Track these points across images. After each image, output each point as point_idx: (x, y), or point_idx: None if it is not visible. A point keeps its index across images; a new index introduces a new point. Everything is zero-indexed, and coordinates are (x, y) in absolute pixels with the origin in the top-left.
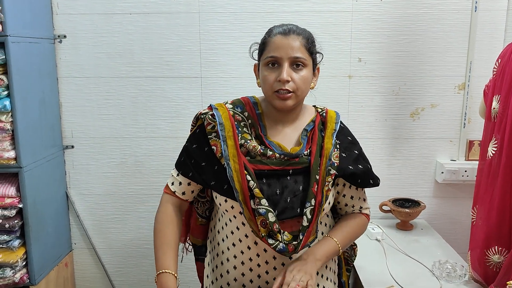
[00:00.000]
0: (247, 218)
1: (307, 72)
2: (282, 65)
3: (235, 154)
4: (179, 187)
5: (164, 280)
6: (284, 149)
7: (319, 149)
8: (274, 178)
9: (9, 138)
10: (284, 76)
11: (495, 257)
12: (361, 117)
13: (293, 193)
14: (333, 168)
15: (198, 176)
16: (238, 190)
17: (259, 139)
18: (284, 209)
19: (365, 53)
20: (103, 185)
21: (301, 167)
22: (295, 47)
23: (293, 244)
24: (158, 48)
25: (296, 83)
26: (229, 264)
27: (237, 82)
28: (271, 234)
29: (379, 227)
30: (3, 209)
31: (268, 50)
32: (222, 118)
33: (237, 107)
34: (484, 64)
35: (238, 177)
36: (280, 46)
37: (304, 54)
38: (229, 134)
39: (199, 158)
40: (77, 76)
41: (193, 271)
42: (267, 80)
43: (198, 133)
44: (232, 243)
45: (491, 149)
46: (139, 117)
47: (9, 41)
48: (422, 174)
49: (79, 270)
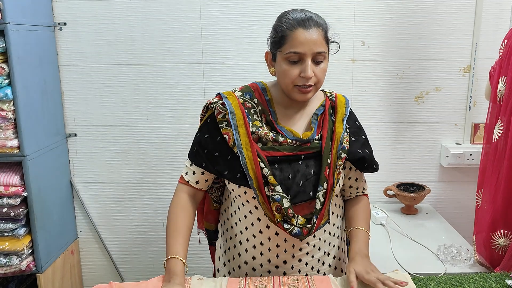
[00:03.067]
0: (261, 204)
1: (326, 64)
2: (305, 61)
3: (248, 142)
4: (192, 177)
5: (172, 265)
6: (296, 134)
7: (330, 133)
8: (286, 163)
9: (12, 126)
10: (309, 73)
11: (500, 240)
12: (365, 102)
13: (305, 177)
14: (344, 152)
15: (211, 166)
16: (252, 177)
17: (270, 125)
18: (297, 193)
19: (369, 36)
20: (107, 173)
21: (312, 152)
22: (317, 42)
23: (307, 227)
24: (159, 35)
25: (318, 76)
26: (241, 247)
27: (239, 68)
28: (285, 219)
29: (383, 211)
30: (8, 198)
31: (290, 44)
32: (233, 106)
33: (246, 94)
34: (490, 46)
35: (252, 164)
36: (303, 42)
37: (325, 47)
38: (240, 123)
39: (212, 148)
40: (78, 64)
41: (202, 258)
42: (289, 75)
43: (210, 122)
44: (244, 227)
45: (496, 131)
46: (141, 105)
47: (8, 29)
48: (427, 158)
49: (85, 257)
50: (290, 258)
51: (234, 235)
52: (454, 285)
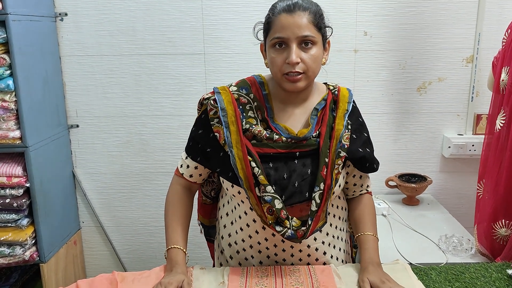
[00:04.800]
0: (253, 205)
1: (317, 50)
2: (290, 46)
3: (238, 140)
4: (187, 170)
5: (174, 255)
6: (291, 132)
7: (329, 130)
8: (281, 161)
9: (14, 117)
10: (293, 58)
11: (502, 231)
12: (367, 92)
13: (301, 176)
14: (343, 150)
15: (205, 161)
16: (242, 177)
17: (266, 123)
18: (293, 194)
19: (371, 26)
20: (109, 164)
21: (309, 150)
22: (302, 25)
23: (302, 230)
24: (160, 25)
25: (306, 63)
26: (237, 246)
27: (241, 58)
28: (278, 221)
29: (385, 202)
30: (10, 189)
31: (274, 30)
32: (224, 102)
33: (242, 89)
34: (493, 36)
35: (241, 164)
36: (285, 26)
37: (312, 31)
38: (232, 120)
39: (205, 144)
40: (80, 55)
41: (203, 248)
42: (275, 63)
43: (203, 118)
44: (240, 227)
45: (499, 122)
46: (143, 96)
47: (9, 20)
48: (429, 149)
49: (88, 248)
50: (289, 257)
51: (228, 236)
52: (455, 274)
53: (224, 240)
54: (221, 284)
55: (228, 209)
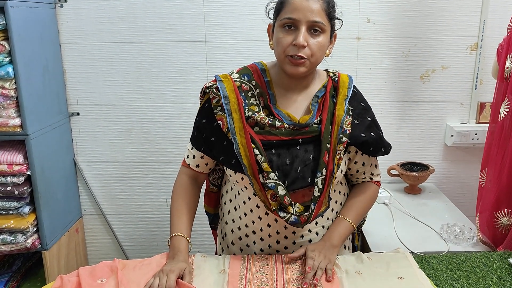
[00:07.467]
0: (257, 191)
1: (324, 38)
2: (299, 29)
3: (241, 127)
4: (193, 160)
5: (177, 243)
6: (294, 118)
7: (330, 116)
8: (283, 148)
9: (14, 105)
10: (300, 40)
11: (504, 220)
12: (370, 80)
13: (303, 162)
14: (345, 136)
15: (209, 150)
16: (246, 164)
17: (268, 109)
18: (295, 180)
19: (374, 14)
20: (110, 152)
21: (311, 136)
22: (314, 10)
23: (305, 215)
24: (161, 12)
25: (312, 49)
26: (240, 232)
27: (243, 46)
28: (282, 207)
29: (387, 191)
30: (11, 176)
31: (286, 10)
32: (227, 90)
33: (244, 76)
34: (498, 23)
35: (245, 151)
36: (299, 8)
37: (323, 18)
38: (235, 107)
39: (209, 133)
40: (80, 42)
41: (206, 237)
42: (281, 43)
43: (207, 107)
44: (243, 213)
45: (503, 110)
46: (144, 83)
47: (8, 6)
48: (432, 138)
49: (89, 235)
50: (291, 244)
51: (232, 221)
52: (456, 263)
53: (228, 226)
54: (222, 272)
55: (231, 195)
